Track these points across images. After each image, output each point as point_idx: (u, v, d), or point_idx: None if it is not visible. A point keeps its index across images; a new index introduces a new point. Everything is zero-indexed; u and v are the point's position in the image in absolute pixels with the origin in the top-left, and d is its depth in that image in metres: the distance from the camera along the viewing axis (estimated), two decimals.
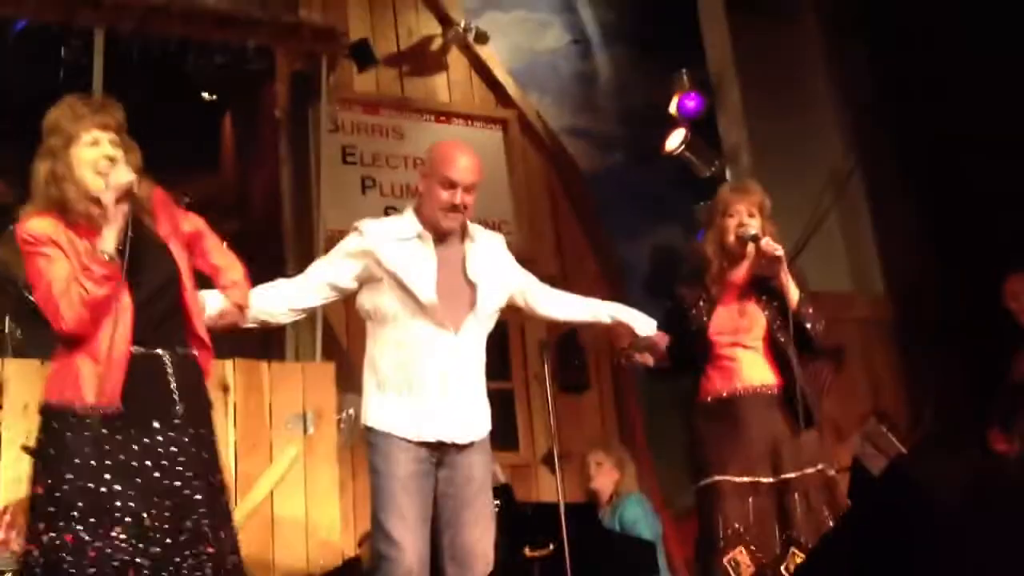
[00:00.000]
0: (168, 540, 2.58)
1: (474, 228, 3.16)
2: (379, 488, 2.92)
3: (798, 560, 3.16)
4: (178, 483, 2.64)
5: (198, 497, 2.65)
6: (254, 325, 3.06)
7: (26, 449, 3.12)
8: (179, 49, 5.62)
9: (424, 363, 2.98)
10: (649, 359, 3.40)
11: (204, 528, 2.64)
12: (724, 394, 3.46)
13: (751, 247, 3.54)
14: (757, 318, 3.53)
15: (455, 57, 6.68)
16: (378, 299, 3.05)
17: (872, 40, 6.47)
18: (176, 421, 2.69)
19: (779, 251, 3.47)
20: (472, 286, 3.05)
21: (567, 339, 6.35)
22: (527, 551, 3.69)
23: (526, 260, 6.07)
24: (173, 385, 2.70)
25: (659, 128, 6.68)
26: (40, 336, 4.82)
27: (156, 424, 2.66)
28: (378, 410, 3.00)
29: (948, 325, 5.75)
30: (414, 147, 6.31)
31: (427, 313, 2.98)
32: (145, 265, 2.71)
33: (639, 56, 7.26)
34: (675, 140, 6.55)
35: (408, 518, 2.86)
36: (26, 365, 4.42)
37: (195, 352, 2.79)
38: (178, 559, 2.58)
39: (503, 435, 5.91)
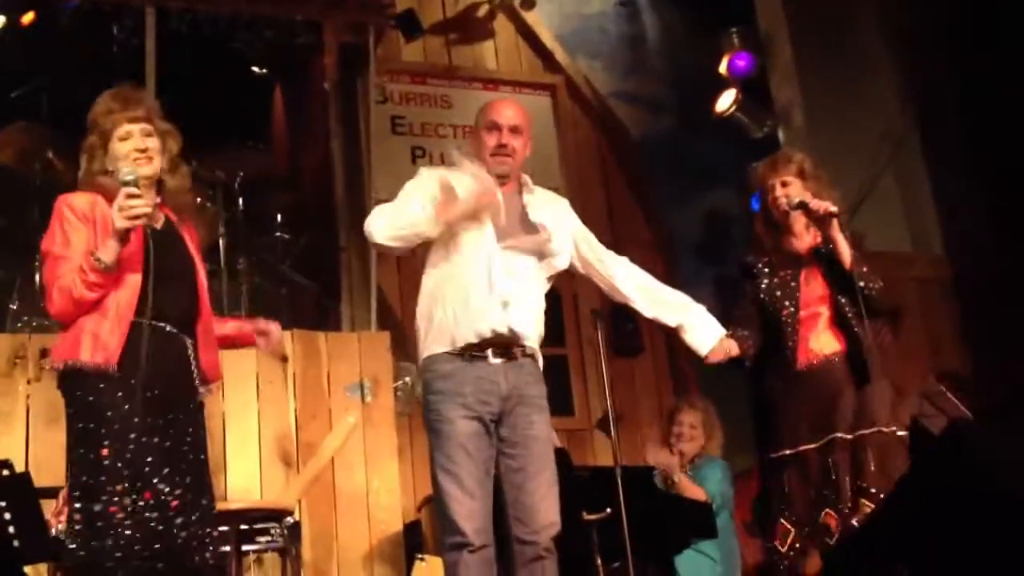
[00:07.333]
0: (192, 517, 2.71)
1: (536, 186, 3.24)
2: (437, 447, 2.91)
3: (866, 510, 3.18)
4: (198, 461, 2.79)
5: (207, 480, 2.81)
6: (400, 243, 3.02)
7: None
8: (228, 25, 5.68)
9: (476, 271, 3.01)
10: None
11: (210, 512, 2.79)
12: (795, 368, 3.45)
13: (800, 215, 3.50)
14: (820, 285, 3.51)
15: (502, 23, 6.64)
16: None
17: None
18: (192, 405, 2.84)
19: (832, 208, 3.40)
20: (534, 230, 3.12)
21: (620, 305, 6.33)
22: (585, 515, 3.71)
23: None
24: (194, 368, 2.86)
25: (710, 90, 6.60)
26: None
27: (183, 402, 2.80)
28: (435, 362, 2.98)
29: (1009, 284, 5.64)
30: (463, 116, 6.30)
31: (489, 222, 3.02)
32: (167, 249, 2.83)
33: (687, 16, 7.14)
34: (726, 101, 6.46)
35: (467, 483, 2.84)
36: None
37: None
38: (195, 539, 2.70)
39: (559, 400, 5.94)
